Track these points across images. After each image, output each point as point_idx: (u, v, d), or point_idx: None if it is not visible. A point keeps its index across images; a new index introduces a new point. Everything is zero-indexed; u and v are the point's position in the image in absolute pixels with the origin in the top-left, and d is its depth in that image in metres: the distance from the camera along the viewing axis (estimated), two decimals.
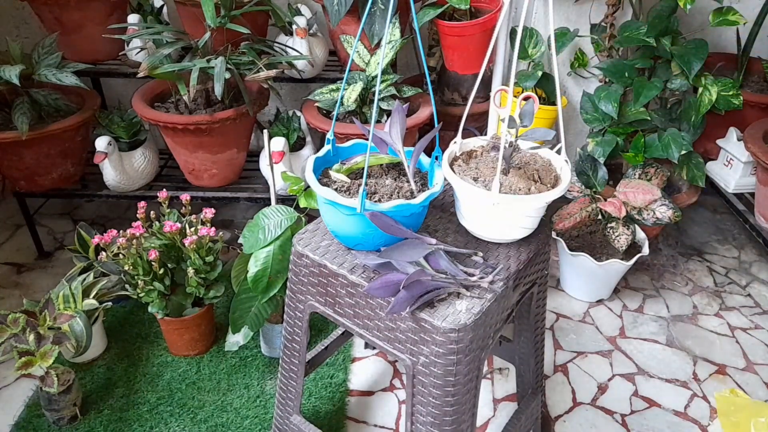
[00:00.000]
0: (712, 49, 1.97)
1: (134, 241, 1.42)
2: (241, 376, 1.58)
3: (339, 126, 1.71)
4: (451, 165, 0.99)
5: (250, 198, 1.90)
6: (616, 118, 1.82)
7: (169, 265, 1.49)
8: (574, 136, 2.35)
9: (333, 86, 1.77)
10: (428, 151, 0.99)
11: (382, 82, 1.72)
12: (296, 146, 1.94)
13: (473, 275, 0.91)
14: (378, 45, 1.72)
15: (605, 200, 1.73)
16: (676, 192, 2.00)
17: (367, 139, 0.95)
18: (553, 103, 1.93)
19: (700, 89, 1.81)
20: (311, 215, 1.26)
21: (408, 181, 0.96)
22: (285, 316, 1.11)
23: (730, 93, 1.81)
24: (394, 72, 1.79)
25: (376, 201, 0.90)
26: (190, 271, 1.45)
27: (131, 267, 1.43)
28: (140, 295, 1.47)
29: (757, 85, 2.07)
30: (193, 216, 1.52)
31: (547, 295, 1.21)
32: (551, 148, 1.04)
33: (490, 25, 1.72)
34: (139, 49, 1.85)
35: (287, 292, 1.08)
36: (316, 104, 1.77)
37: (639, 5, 1.92)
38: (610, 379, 1.63)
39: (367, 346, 1.69)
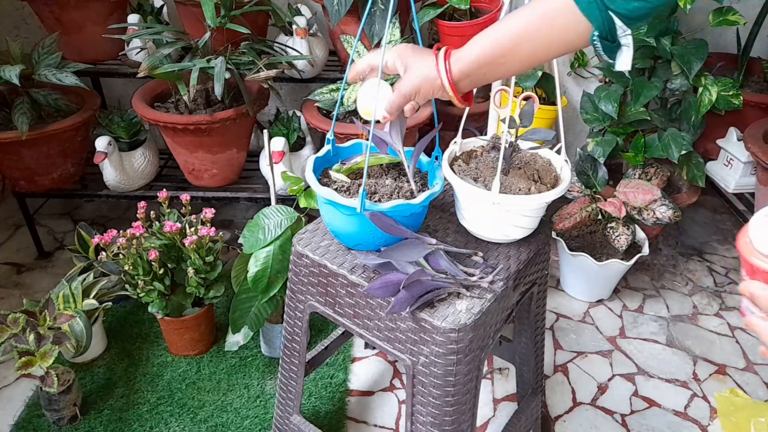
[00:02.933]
0: (712, 49, 1.97)
1: (134, 241, 1.42)
2: (241, 376, 1.58)
3: (339, 126, 1.71)
4: (451, 165, 0.98)
5: (250, 198, 1.90)
6: (616, 118, 1.82)
7: (169, 265, 1.49)
8: (574, 136, 2.35)
9: (333, 86, 1.77)
10: (428, 151, 0.99)
11: None
12: (296, 146, 1.94)
13: (473, 275, 0.91)
14: (378, 45, 1.72)
15: (605, 200, 1.73)
16: (676, 192, 2.00)
17: (367, 139, 0.95)
18: (553, 103, 1.93)
19: (700, 89, 1.81)
20: (311, 215, 1.26)
21: (408, 181, 0.96)
22: (285, 316, 1.11)
23: (730, 93, 1.81)
24: None
25: (376, 201, 0.90)
26: (190, 271, 1.45)
27: (131, 267, 1.43)
28: (140, 295, 1.47)
29: (757, 85, 2.07)
30: (193, 216, 1.52)
31: (547, 295, 1.21)
32: (551, 148, 1.04)
33: (490, 24, 1.72)
34: (139, 49, 1.85)
35: (287, 292, 1.08)
36: (316, 104, 1.77)
37: None
38: (610, 379, 1.63)
39: (367, 346, 1.69)
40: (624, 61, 0.70)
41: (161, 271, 1.45)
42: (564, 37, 0.70)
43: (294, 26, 1.82)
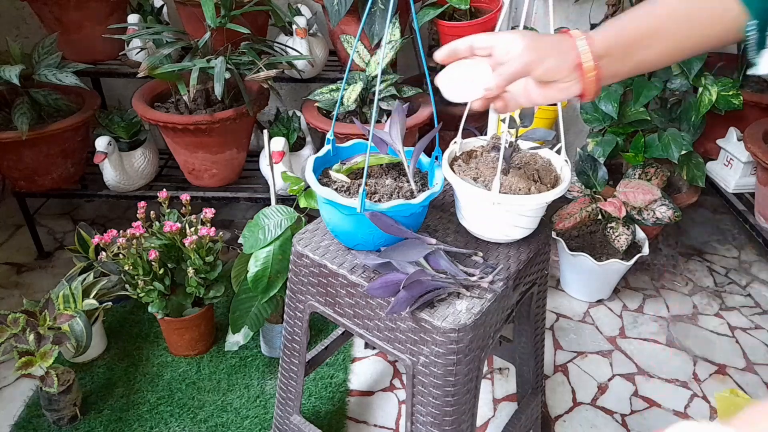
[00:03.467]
0: None
1: (134, 241, 1.42)
2: (241, 376, 1.58)
3: (339, 126, 1.71)
4: (451, 165, 0.98)
5: (250, 198, 1.90)
6: (616, 118, 1.82)
7: (169, 265, 1.49)
8: (574, 136, 2.35)
9: (333, 86, 1.77)
10: (428, 151, 0.99)
11: (382, 82, 1.71)
12: (296, 146, 1.94)
13: (473, 275, 0.91)
14: (378, 45, 1.72)
15: (605, 200, 1.73)
16: (676, 192, 2.00)
17: (367, 139, 0.95)
18: (554, 103, 1.93)
19: (700, 89, 1.81)
20: (311, 215, 1.26)
21: (408, 181, 0.96)
22: (285, 316, 1.11)
23: (730, 93, 1.81)
24: (394, 72, 1.79)
25: (376, 201, 0.90)
26: (190, 271, 1.45)
27: (131, 267, 1.43)
28: (140, 295, 1.47)
29: (757, 85, 2.07)
30: (193, 216, 1.52)
31: (547, 295, 1.20)
32: (551, 148, 1.04)
33: (490, 25, 1.72)
34: (139, 49, 1.85)
35: (287, 292, 1.08)
36: (316, 104, 1.77)
37: None
38: (610, 379, 1.63)
39: (367, 346, 1.69)
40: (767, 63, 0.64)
41: (161, 271, 1.45)
42: (716, 24, 0.65)
43: (294, 26, 1.82)
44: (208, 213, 1.49)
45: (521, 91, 0.73)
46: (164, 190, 1.58)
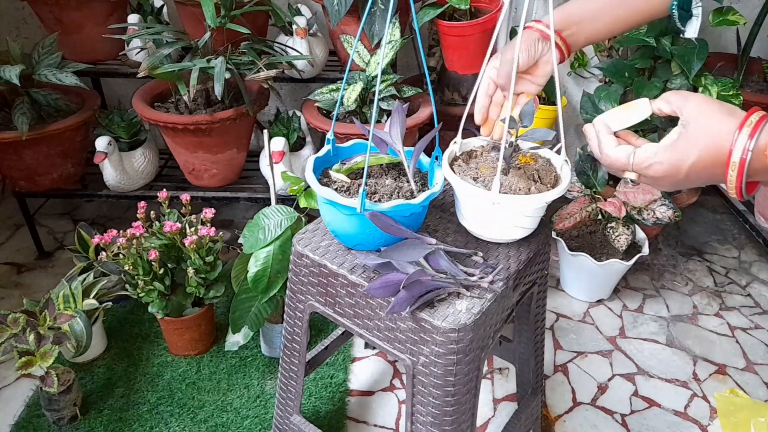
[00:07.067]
0: (712, 49, 1.96)
1: (134, 241, 1.42)
2: (241, 376, 1.58)
3: (339, 126, 1.71)
4: (451, 165, 0.98)
5: (250, 198, 1.90)
6: None
7: (169, 265, 1.49)
8: (574, 136, 2.35)
9: (333, 86, 1.77)
10: (428, 151, 0.99)
11: (382, 82, 1.71)
12: (296, 146, 1.94)
13: (473, 275, 0.91)
14: (378, 45, 1.72)
15: (605, 200, 1.73)
16: (676, 192, 2.00)
17: (367, 139, 0.95)
18: (553, 103, 1.93)
19: (700, 89, 1.80)
20: (311, 215, 1.26)
21: (408, 181, 0.96)
22: (285, 316, 1.11)
23: (730, 93, 1.80)
24: (394, 72, 1.79)
25: (376, 201, 0.90)
26: (190, 271, 1.45)
27: (131, 267, 1.43)
28: (140, 295, 1.47)
29: (757, 85, 2.07)
30: (193, 216, 1.52)
31: (547, 295, 1.20)
32: (551, 148, 1.04)
33: (490, 25, 1.72)
34: (139, 49, 1.85)
35: (287, 292, 1.08)
36: (316, 104, 1.77)
37: None
38: (610, 379, 1.63)
39: (367, 346, 1.69)
40: (693, 29, 0.81)
41: (161, 271, 1.45)
42: (649, 3, 0.82)
43: (294, 26, 1.82)
44: (208, 213, 1.49)
45: None
46: (164, 190, 1.58)
